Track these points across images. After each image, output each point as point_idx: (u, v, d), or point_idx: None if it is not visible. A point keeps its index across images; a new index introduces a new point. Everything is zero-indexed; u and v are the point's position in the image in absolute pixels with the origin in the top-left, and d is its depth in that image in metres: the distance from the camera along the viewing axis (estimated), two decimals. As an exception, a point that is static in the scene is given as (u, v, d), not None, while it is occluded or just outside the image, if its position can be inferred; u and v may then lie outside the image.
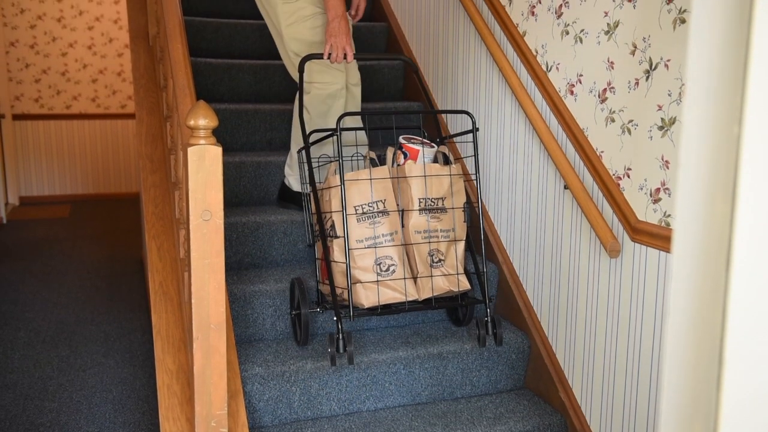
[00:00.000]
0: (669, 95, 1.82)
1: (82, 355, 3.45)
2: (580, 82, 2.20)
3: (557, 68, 2.32)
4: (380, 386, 2.30)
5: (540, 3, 2.40)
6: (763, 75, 0.61)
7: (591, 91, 2.15)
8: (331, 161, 2.36)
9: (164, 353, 2.14)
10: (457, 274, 2.27)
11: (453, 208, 2.31)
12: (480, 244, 2.39)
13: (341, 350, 2.13)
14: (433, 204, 2.26)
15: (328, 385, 2.24)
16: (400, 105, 3.36)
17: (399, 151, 2.34)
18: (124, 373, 3.25)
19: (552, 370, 2.38)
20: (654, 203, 1.89)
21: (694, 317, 0.70)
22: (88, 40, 7.47)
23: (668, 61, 1.82)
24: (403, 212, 2.28)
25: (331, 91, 2.60)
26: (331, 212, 2.23)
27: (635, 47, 1.94)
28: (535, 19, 2.43)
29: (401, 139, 2.35)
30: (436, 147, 2.38)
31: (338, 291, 2.23)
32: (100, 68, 7.55)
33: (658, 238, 1.86)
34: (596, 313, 2.16)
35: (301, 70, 2.46)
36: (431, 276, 2.23)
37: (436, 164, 2.31)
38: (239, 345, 2.35)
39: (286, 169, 2.80)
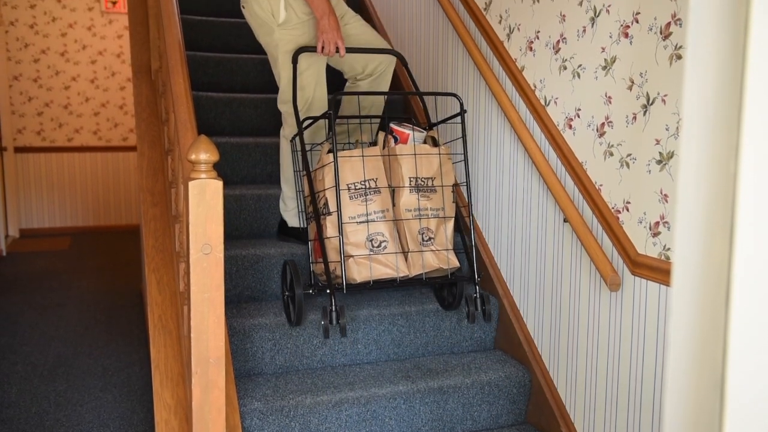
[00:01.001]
0: (666, 130, 1.83)
1: (79, 389, 3.43)
2: (579, 117, 2.22)
3: (555, 102, 2.34)
4: (380, 421, 2.28)
5: (538, 39, 2.43)
6: (758, 113, 0.62)
7: (589, 125, 2.16)
8: (324, 142, 2.45)
9: (162, 387, 2.13)
10: (447, 250, 2.34)
11: (442, 186, 2.39)
12: (468, 223, 2.44)
13: (334, 322, 2.19)
14: (423, 183, 2.35)
15: (327, 420, 2.22)
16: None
17: (390, 136, 2.43)
18: (121, 407, 3.22)
19: (553, 404, 2.36)
20: (653, 237, 1.90)
21: (694, 353, 0.70)
22: (91, 74, 7.55)
23: (665, 96, 1.83)
24: (394, 190, 2.35)
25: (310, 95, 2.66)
26: (324, 190, 2.30)
27: (632, 82, 1.96)
28: (533, 55, 2.46)
29: (392, 124, 2.44)
30: (425, 132, 2.47)
31: (331, 267, 2.28)
32: (102, 101, 7.62)
33: (659, 271, 1.86)
34: (597, 346, 2.14)
35: (294, 61, 2.54)
36: (421, 251, 2.31)
37: (426, 145, 2.40)
38: (238, 379, 2.33)
39: (281, 206, 2.84)
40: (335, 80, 3.20)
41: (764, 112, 0.62)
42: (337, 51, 2.57)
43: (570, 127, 2.27)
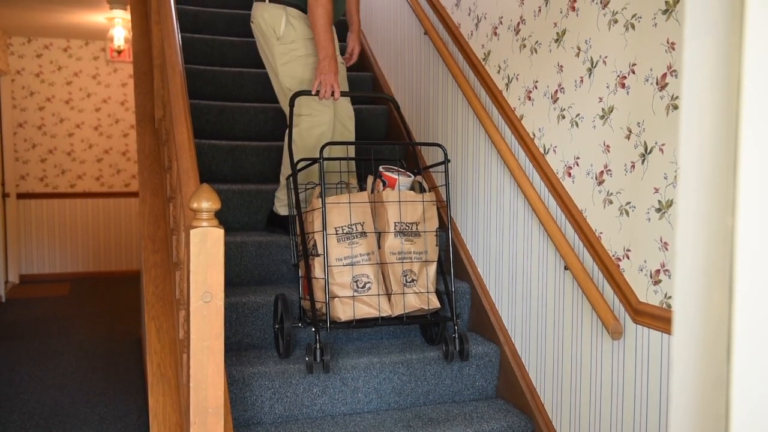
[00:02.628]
0: (665, 178, 1.85)
1: (75, 438, 3.37)
2: (578, 165, 2.24)
3: (554, 151, 2.37)
4: (381, 473, 2.24)
5: (536, 88, 2.47)
6: (754, 167, 0.63)
7: (588, 174, 2.18)
8: (315, 186, 2.59)
9: (160, 438, 2.09)
10: (428, 292, 2.45)
11: (425, 232, 2.49)
12: (450, 265, 2.55)
13: (318, 359, 2.29)
14: (407, 228, 2.46)
15: (327, 472, 2.18)
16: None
17: (378, 180, 2.54)
18: (118, 457, 3.17)
19: (557, 455, 2.32)
20: (654, 285, 1.89)
21: (697, 404, 0.69)
22: (95, 121, 7.64)
23: (663, 145, 1.86)
24: (379, 235, 2.47)
25: (317, 123, 2.81)
26: (313, 232, 2.42)
27: (630, 131, 1.98)
28: (532, 104, 2.50)
29: (381, 169, 2.56)
30: (412, 177, 2.58)
31: (318, 305, 2.39)
32: (105, 148, 7.69)
33: (660, 320, 1.85)
34: (600, 395, 2.12)
35: (291, 105, 2.68)
36: (404, 293, 2.41)
37: (412, 192, 2.51)
38: (237, 429, 2.30)
39: (276, 195, 3.04)
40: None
41: (760, 166, 0.63)
42: (332, 94, 2.73)
43: (569, 175, 2.28)
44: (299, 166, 2.70)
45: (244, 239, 2.87)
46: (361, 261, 2.39)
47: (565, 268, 2.25)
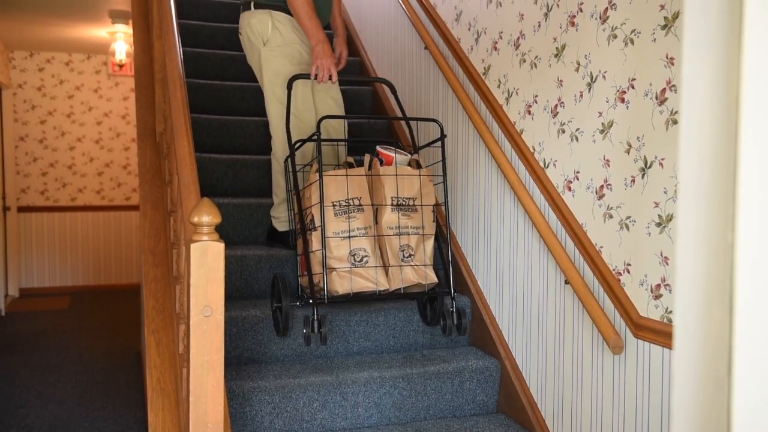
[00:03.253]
0: (665, 192, 1.85)
1: (74, 453, 3.36)
2: (578, 179, 2.24)
3: (554, 165, 2.37)
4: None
5: (536, 103, 2.48)
6: (753, 183, 0.63)
7: (588, 188, 2.18)
8: (312, 162, 2.63)
9: (159, 453, 2.08)
10: (425, 266, 2.45)
11: (422, 205, 2.50)
12: (447, 240, 2.56)
13: (315, 330, 2.29)
14: (404, 202, 2.47)
15: (327, 487, 2.17)
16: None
17: (375, 158, 2.55)
18: (116, 472, 3.15)
19: (558, 471, 2.31)
20: (655, 299, 1.89)
21: (698, 420, 0.69)
22: (96, 135, 7.66)
23: (662, 159, 1.86)
24: (377, 209, 2.48)
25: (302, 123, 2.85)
26: (311, 207, 2.45)
27: (630, 146, 1.99)
28: (532, 118, 2.51)
29: (378, 147, 2.58)
30: (409, 155, 2.58)
31: (315, 279, 2.40)
32: (106, 161, 7.70)
33: (661, 334, 1.85)
34: (601, 410, 2.11)
35: (289, 87, 2.68)
36: (401, 266, 2.41)
37: (409, 167, 2.52)
38: (236, 444, 2.29)
39: (272, 213, 3.05)
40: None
41: (759, 181, 0.63)
42: (330, 78, 2.76)
43: (569, 189, 2.29)
44: (297, 146, 2.73)
45: (244, 253, 2.87)
46: (359, 234, 2.40)
47: (566, 282, 2.25)
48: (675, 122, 1.81)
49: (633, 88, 1.98)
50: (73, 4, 5.16)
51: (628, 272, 2.00)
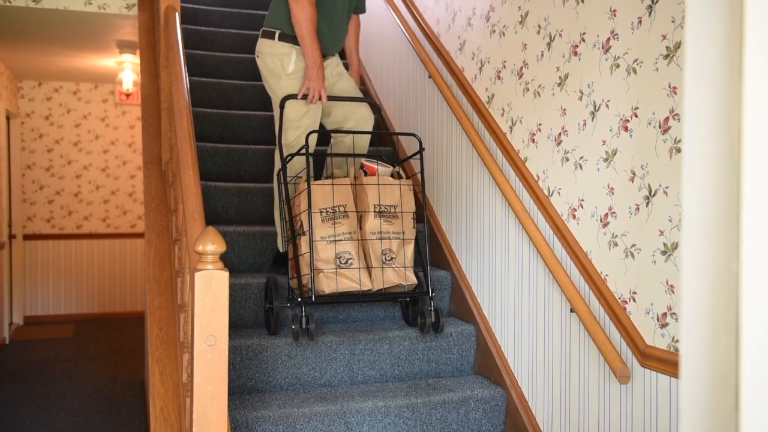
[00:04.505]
0: (670, 221, 1.85)
1: (76, 484, 3.32)
2: (582, 207, 2.24)
3: (559, 193, 2.37)
4: None
5: (540, 131, 2.49)
6: (757, 214, 0.63)
7: (593, 216, 2.18)
8: (301, 172, 2.84)
9: (162, 484, 2.06)
10: (405, 268, 2.62)
11: (402, 212, 2.68)
12: (426, 247, 2.73)
13: (303, 327, 2.47)
14: (386, 209, 2.66)
15: None
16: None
17: (360, 170, 2.74)
18: (118, 504, 3.12)
19: (565, 502, 2.27)
20: (661, 328, 1.88)
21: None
22: (102, 163, 7.71)
23: (667, 188, 1.86)
24: (360, 216, 2.66)
25: (302, 136, 2.96)
26: (300, 213, 2.64)
27: (634, 174, 1.99)
28: (536, 146, 2.52)
29: (363, 160, 2.78)
30: (392, 167, 2.77)
31: (304, 280, 2.57)
32: (112, 189, 7.74)
33: (668, 363, 1.83)
34: (609, 441, 2.09)
35: (281, 106, 2.87)
36: (383, 268, 2.59)
37: (390, 178, 2.71)
38: (240, 475, 2.26)
39: (277, 240, 3.11)
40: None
41: (763, 211, 0.63)
42: (320, 98, 2.90)
43: (574, 217, 2.29)
44: (288, 159, 2.86)
45: (248, 281, 2.86)
46: (343, 239, 2.58)
47: (571, 310, 2.24)
48: (678, 151, 1.82)
49: (636, 116, 1.99)
50: (82, 34, 5.23)
51: (634, 301, 1.99)
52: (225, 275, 1.73)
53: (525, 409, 2.54)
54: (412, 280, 2.64)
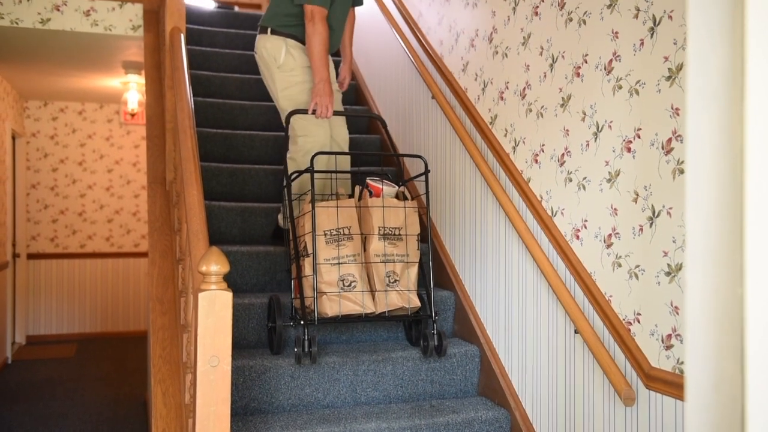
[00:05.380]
0: (674, 242, 1.84)
1: (76, 505, 3.30)
2: (585, 227, 2.24)
3: (562, 213, 2.37)
4: None
5: (543, 151, 2.50)
6: (762, 238, 0.63)
7: (596, 236, 2.18)
8: (307, 192, 2.84)
9: (163, 506, 2.05)
10: (409, 291, 2.62)
11: (407, 235, 2.68)
12: (429, 268, 2.73)
13: (306, 350, 2.47)
14: (390, 232, 2.65)
15: None
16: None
17: (365, 190, 2.74)
18: None
19: None
20: (666, 350, 1.87)
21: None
22: (106, 182, 7.74)
23: (670, 209, 1.86)
24: (365, 238, 2.66)
25: (312, 143, 3.03)
26: (304, 235, 2.63)
27: (637, 195, 1.99)
28: (539, 167, 2.52)
29: (368, 180, 2.78)
30: (396, 187, 2.78)
31: (307, 302, 2.57)
32: (116, 208, 7.76)
33: (674, 386, 1.82)
34: (614, 464, 2.07)
35: (287, 122, 2.93)
36: (386, 291, 2.59)
37: (395, 199, 2.71)
38: (242, 497, 2.25)
39: (280, 215, 3.26)
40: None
41: (766, 235, 0.63)
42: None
43: (577, 237, 2.28)
44: (293, 177, 2.91)
45: (252, 301, 2.86)
46: (347, 261, 2.58)
47: (576, 331, 2.23)
48: (682, 171, 1.82)
49: (639, 137, 1.99)
50: (88, 55, 5.28)
51: (639, 322, 1.98)
52: (228, 296, 1.73)
53: (529, 431, 2.52)
54: (416, 302, 2.64)
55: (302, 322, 2.50)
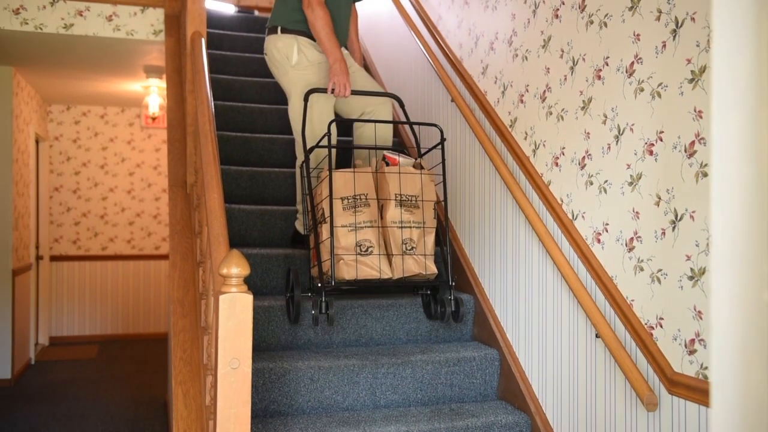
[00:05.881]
0: (697, 246, 1.82)
1: (98, 506, 3.33)
2: (607, 231, 2.22)
3: (583, 217, 2.36)
4: None
5: (563, 155, 2.48)
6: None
7: (618, 240, 2.16)
8: (323, 160, 2.90)
9: (184, 508, 2.06)
10: (425, 256, 2.63)
11: (423, 201, 2.69)
12: (446, 235, 2.74)
13: (323, 311, 2.51)
14: (407, 199, 2.67)
15: None
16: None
17: (383, 162, 2.78)
18: None
19: None
20: (689, 354, 1.85)
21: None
22: (128, 185, 7.81)
23: (693, 212, 1.84)
24: (382, 205, 2.68)
25: (327, 122, 3.01)
26: (321, 201, 2.67)
27: (659, 198, 1.97)
28: (560, 170, 2.51)
29: (385, 152, 2.84)
30: (413, 159, 2.81)
31: (324, 267, 2.60)
32: (137, 211, 7.83)
33: (697, 391, 1.80)
34: (636, 470, 2.05)
35: (305, 99, 2.92)
36: (402, 255, 2.60)
37: (412, 168, 2.73)
38: (261, 499, 2.25)
39: (296, 221, 3.29)
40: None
41: (794, 239, 0.62)
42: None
43: (599, 241, 2.27)
44: (311, 150, 2.93)
45: (271, 303, 2.87)
46: (364, 227, 2.61)
47: (597, 336, 2.21)
48: (705, 175, 1.80)
49: (661, 140, 1.98)
50: (110, 60, 5.34)
51: (661, 326, 1.96)
52: (249, 298, 1.74)
53: (549, 435, 2.50)
54: (432, 269, 2.64)
55: (320, 286, 2.53)
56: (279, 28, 3.13)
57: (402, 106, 3.07)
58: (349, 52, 3.44)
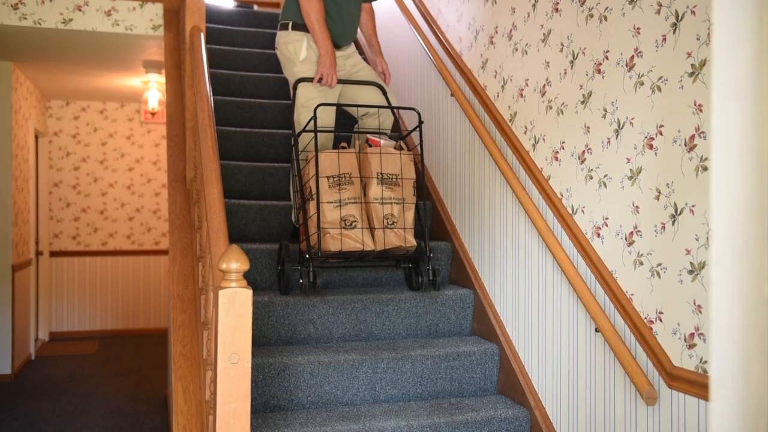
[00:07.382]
0: (696, 240, 1.82)
1: (99, 500, 3.33)
2: (607, 225, 2.22)
3: (583, 211, 2.36)
4: None
5: (563, 149, 2.48)
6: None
7: (618, 234, 2.16)
8: (309, 143, 3.04)
9: (184, 502, 2.06)
10: (405, 230, 2.81)
11: (403, 179, 2.87)
12: (424, 208, 2.97)
13: (311, 280, 2.73)
14: (388, 177, 2.85)
15: None
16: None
17: (366, 144, 2.95)
18: None
19: None
20: (689, 348, 1.85)
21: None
22: (127, 181, 7.81)
23: (693, 206, 1.84)
24: (365, 183, 2.85)
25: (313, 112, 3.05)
26: (308, 180, 2.84)
27: (659, 192, 1.97)
28: (559, 164, 2.50)
29: (368, 135, 3.01)
30: (394, 141, 2.99)
31: (312, 240, 2.78)
32: (137, 207, 7.83)
33: (696, 385, 1.80)
34: (635, 464, 2.05)
35: (294, 88, 3.09)
36: (384, 229, 2.78)
37: (392, 149, 2.90)
38: (262, 494, 2.26)
39: (293, 217, 3.33)
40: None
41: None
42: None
43: (598, 235, 2.27)
44: (299, 134, 3.04)
45: (271, 299, 2.87)
46: (348, 203, 2.79)
47: (596, 330, 2.21)
48: (705, 169, 1.80)
49: (661, 134, 1.97)
50: (109, 55, 5.32)
51: (660, 321, 1.96)
52: (248, 293, 1.73)
53: (549, 429, 2.51)
54: (412, 242, 2.82)
55: (308, 257, 2.72)
56: (290, 24, 3.17)
57: (385, 93, 3.19)
58: (371, 50, 3.47)
